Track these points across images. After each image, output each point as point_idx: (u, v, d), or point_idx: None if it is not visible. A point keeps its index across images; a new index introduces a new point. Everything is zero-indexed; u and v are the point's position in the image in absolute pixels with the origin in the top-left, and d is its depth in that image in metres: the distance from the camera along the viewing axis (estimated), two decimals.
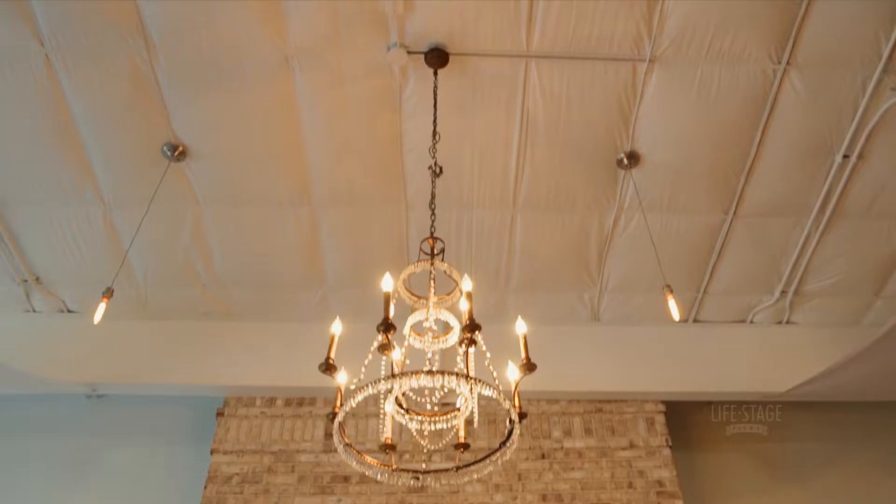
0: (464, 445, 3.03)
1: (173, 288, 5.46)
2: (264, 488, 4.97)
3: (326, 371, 2.71)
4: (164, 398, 5.75)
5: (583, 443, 5.19)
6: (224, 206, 4.89)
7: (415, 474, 2.94)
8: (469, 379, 2.57)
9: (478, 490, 4.97)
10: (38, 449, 5.69)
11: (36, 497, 5.44)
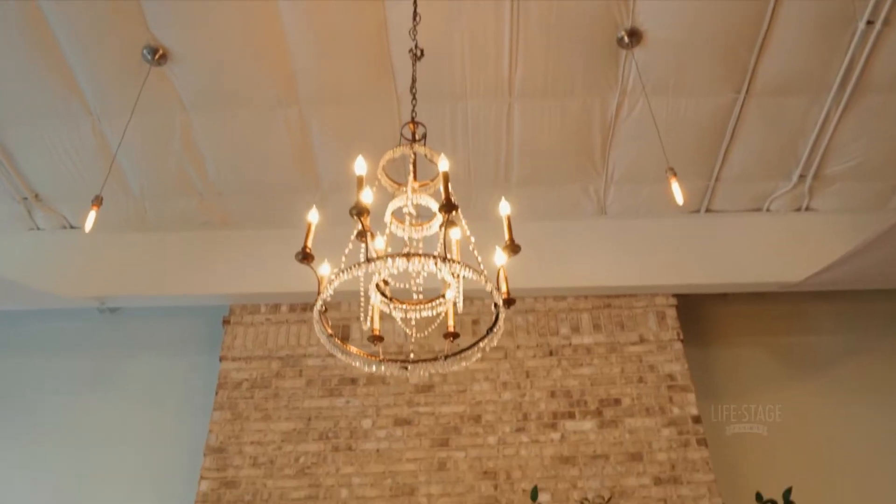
0: (453, 335, 2.92)
1: (170, 199, 5.37)
2: (273, 392, 4.99)
3: (303, 260, 2.60)
4: (173, 310, 5.79)
5: (591, 339, 5.10)
6: (211, 111, 4.74)
7: (402, 364, 2.86)
8: (446, 260, 2.42)
9: (485, 388, 4.93)
10: (58, 365, 5.79)
11: (60, 412, 5.55)
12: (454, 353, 2.81)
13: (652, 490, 4.59)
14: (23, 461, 5.34)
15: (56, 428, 5.47)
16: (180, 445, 5.14)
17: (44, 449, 5.38)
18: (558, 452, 4.70)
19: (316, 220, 2.73)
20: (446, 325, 2.94)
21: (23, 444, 5.41)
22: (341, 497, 4.58)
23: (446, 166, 2.66)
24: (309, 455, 4.73)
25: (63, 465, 5.31)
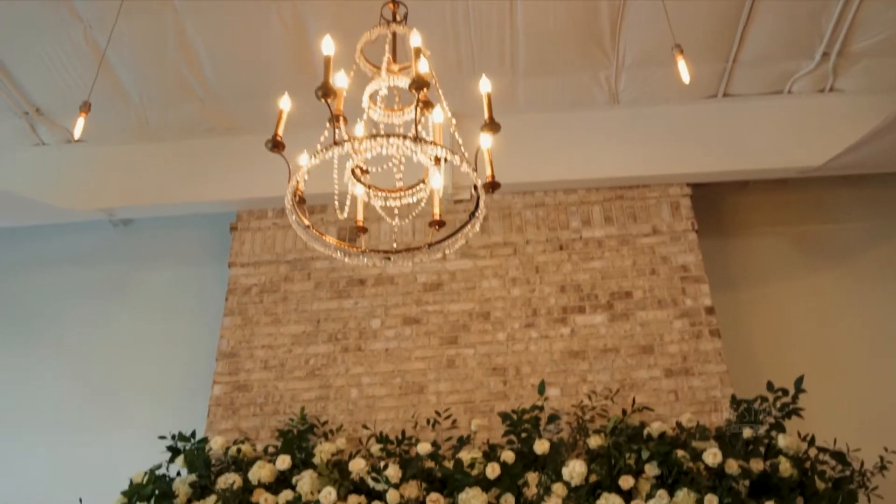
0: (438, 223, 2.83)
1: (171, 105, 5.28)
2: (283, 296, 4.99)
3: (274, 149, 2.50)
4: (185, 220, 5.79)
5: (603, 231, 4.97)
6: (203, 9, 4.57)
7: (385, 254, 2.78)
8: (417, 140, 2.30)
9: (494, 285, 4.87)
10: (76, 279, 5.87)
11: (80, 324, 5.66)
12: (436, 242, 2.72)
13: (663, 382, 4.54)
14: (46, 372, 5.48)
15: (76, 339, 5.59)
16: (195, 352, 5.20)
17: (66, 360, 5.52)
18: (568, 347, 4.65)
19: (288, 108, 2.62)
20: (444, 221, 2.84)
21: (45, 356, 5.55)
22: (351, 397, 4.61)
23: (419, 41, 2.50)
24: (319, 357, 4.75)
25: (85, 375, 5.45)
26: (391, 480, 3.88)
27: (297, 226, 2.61)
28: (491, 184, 2.59)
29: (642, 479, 3.93)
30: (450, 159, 2.41)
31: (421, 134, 2.38)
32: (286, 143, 2.47)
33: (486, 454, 4.08)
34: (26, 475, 5.05)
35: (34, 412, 5.32)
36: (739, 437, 4.08)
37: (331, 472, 4.00)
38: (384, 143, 2.26)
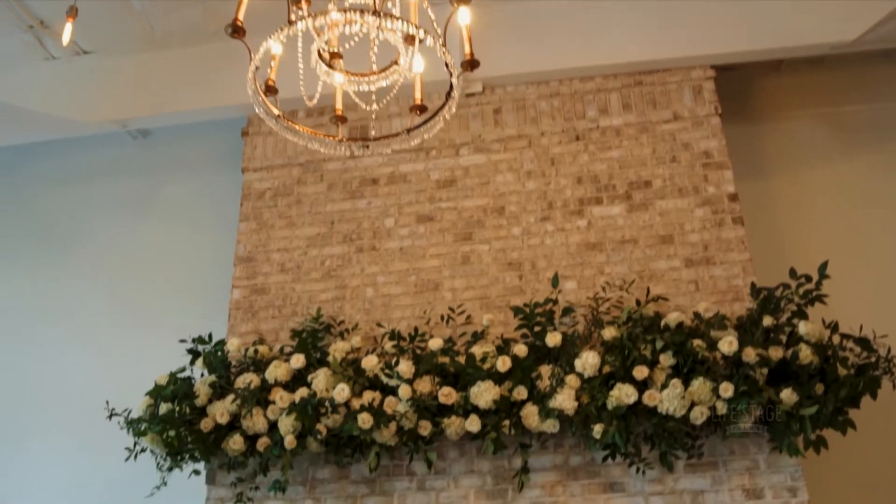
0: (420, 108, 2.71)
1: (173, 11, 5.15)
2: (296, 199, 4.96)
3: (234, 35, 2.40)
4: (200, 129, 5.76)
5: (621, 119, 4.77)
6: None
7: (364, 143, 2.69)
8: (377, 13, 2.16)
9: (509, 179, 4.75)
10: (99, 192, 5.94)
11: (106, 236, 5.75)
12: (415, 127, 2.61)
13: (683, 272, 4.42)
14: (76, 284, 5.61)
15: (102, 251, 5.70)
16: (217, 259, 5.24)
17: (93, 271, 5.64)
18: (584, 239, 4.55)
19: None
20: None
21: (74, 269, 5.68)
22: (367, 296, 4.61)
23: None
24: (334, 258, 4.75)
25: (113, 285, 5.57)
26: (403, 376, 3.90)
27: (265, 115, 2.52)
28: (469, 62, 2.46)
29: (657, 369, 3.87)
30: (421, 38, 2.27)
31: (389, 10, 2.24)
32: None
33: (500, 348, 4.06)
34: (58, 382, 5.24)
35: (66, 322, 5.48)
36: (759, 325, 3.97)
37: (345, 369, 4.04)
38: (341, 19, 2.12)
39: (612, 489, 4.03)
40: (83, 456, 5.02)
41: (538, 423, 3.85)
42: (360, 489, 4.26)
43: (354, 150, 2.68)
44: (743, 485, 3.94)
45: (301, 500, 4.29)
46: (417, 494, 4.19)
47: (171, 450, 4.04)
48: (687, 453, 3.94)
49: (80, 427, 4.97)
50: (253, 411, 3.98)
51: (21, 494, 5.09)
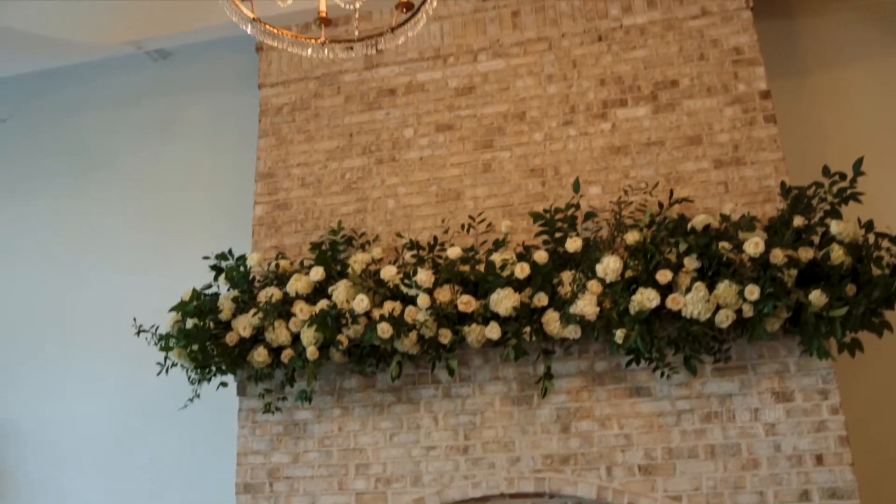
0: (405, 5, 2.58)
1: None
2: (314, 113, 4.88)
3: None
4: (217, 47, 5.66)
5: (645, 17, 4.54)
6: None
7: (347, 44, 2.59)
8: None
9: (529, 84, 4.59)
10: (123, 116, 5.94)
11: (131, 159, 5.78)
12: (398, 25, 2.49)
13: (711, 174, 4.27)
14: (105, 207, 5.67)
15: (129, 174, 5.73)
16: (242, 176, 5.22)
17: (121, 194, 5.68)
18: (609, 143, 4.41)
19: None
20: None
21: (102, 193, 5.73)
22: (388, 207, 4.57)
23: None
24: (354, 170, 4.69)
25: (141, 207, 5.61)
26: (422, 285, 3.88)
27: (241, 20, 2.43)
28: None
29: (682, 273, 3.78)
30: None
31: None
32: None
33: (520, 256, 4.00)
34: (95, 300, 5.36)
35: (98, 244, 5.57)
36: (789, 225, 3.84)
37: (364, 280, 4.03)
38: None
39: (638, 394, 4.02)
40: (121, 370, 5.18)
41: (559, 329, 3.82)
42: (387, 398, 4.31)
43: (338, 51, 2.58)
44: (772, 388, 3.89)
45: (329, 409, 4.37)
46: (443, 402, 4.23)
47: (198, 363, 4.12)
48: (713, 357, 3.89)
49: (117, 343, 5.09)
50: (275, 324, 4.02)
51: (66, 409, 5.29)
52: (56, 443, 5.25)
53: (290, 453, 4.37)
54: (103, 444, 5.15)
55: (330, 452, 4.32)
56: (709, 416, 3.92)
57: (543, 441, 4.06)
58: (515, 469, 4.06)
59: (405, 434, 4.25)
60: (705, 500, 3.82)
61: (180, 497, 4.93)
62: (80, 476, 5.16)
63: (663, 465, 3.91)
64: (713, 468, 3.85)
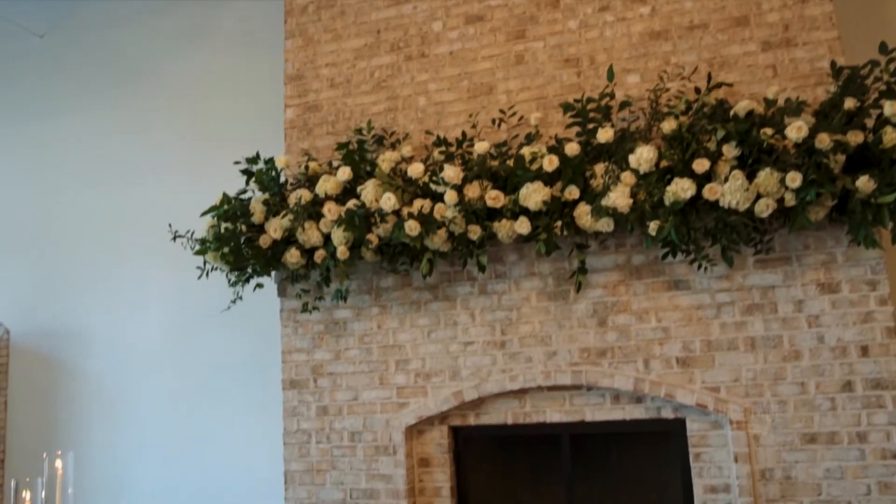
0: None
1: None
2: (340, 11, 4.74)
3: None
4: None
5: None
6: None
7: None
8: None
9: None
10: (157, 27, 5.93)
11: (168, 69, 5.81)
12: None
13: (759, 57, 4.02)
14: (145, 121, 5.72)
15: (165, 85, 5.75)
16: (274, 80, 5.18)
17: (160, 107, 5.71)
18: (648, 28, 4.18)
19: None
20: None
21: (140, 107, 5.78)
22: (419, 105, 4.47)
23: None
24: (383, 68, 4.58)
25: (181, 119, 5.64)
26: (450, 182, 3.82)
27: None
28: None
29: (721, 161, 3.63)
30: None
31: None
32: None
33: (552, 148, 3.88)
34: (141, 210, 5.48)
35: (141, 156, 5.66)
36: (840, 108, 3.61)
37: (393, 179, 3.99)
38: None
39: (677, 287, 3.94)
40: (175, 275, 5.35)
41: (591, 222, 3.73)
42: (424, 295, 4.34)
43: None
44: (817, 279, 3.76)
45: (367, 308, 4.43)
46: (480, 298, 4.24)
47: (232, 266, 4.19)
48: (754, 249, 3.77)
49: (170, 249, 5.24)
50: (305, 225, 4.04)
51: (128, 313, 5.52)
52: (120, 345, 5.51)
53: (331, 351, 4.48)
54: (161, 344, 5.38)
55: (370, 349, 4.41)
56: (750, 309, 3.83)
57: (580, 335, 4.05)
58: (552, 362, 4.08)
59: (442, 330, 4.29)
60: (744, 390, 3.78)
61: (233, 393, 5.15)
62: (141, 374, 5.42)
63: (702, 357, 3.87)
64: (753, 360, 3.80)
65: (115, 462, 5.41)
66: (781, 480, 3.69)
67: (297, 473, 4.46)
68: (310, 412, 4.48)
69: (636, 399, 4.00)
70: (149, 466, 5.31)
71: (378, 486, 4.30)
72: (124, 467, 5.38)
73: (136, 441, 5.37)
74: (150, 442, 5.33)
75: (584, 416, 4.07)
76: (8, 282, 5.91)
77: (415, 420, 4.27)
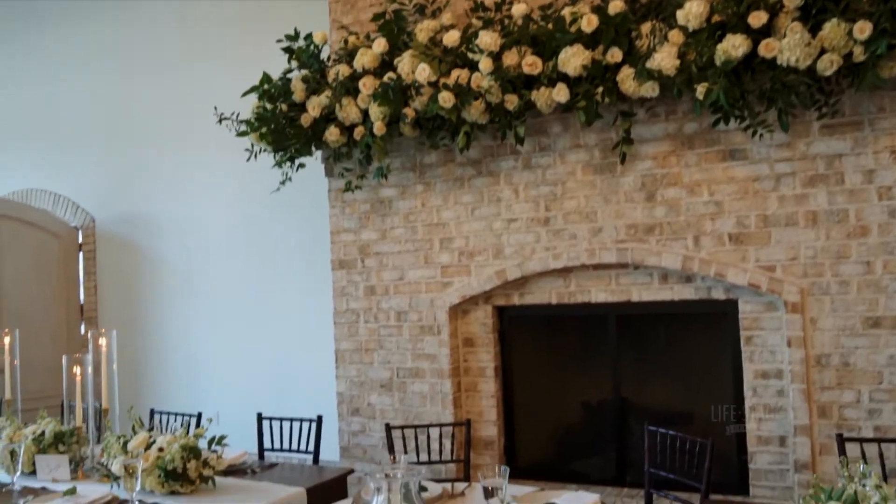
0: None
1: None
2: None
3: None
4: None
5: None
6: None
7: None
8: None
9: None
10: None
11: None
12: None
13: None
14: (206, 8, 5.66)
15: None
16: None
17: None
18: None
19: None
20: None
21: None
22: None
23: None
24: None
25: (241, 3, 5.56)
26: (486, 48, 3.60)
27: None
28: None
29: (781, 14, 3.23)
30: None
31: None
32: None
33: (596, 8, 3.56)
34: (202, 98, 5.48)
35: (199, 44, 5.64)
36: None
37: (429, 49, 3.80)
38: None
39: (733, 157, 3.64)
40: (235, 161, 5.39)
41: (636, 87, 3.45)
42: (467, 171, 4.20)
43: None
44: (892, 146, 3.37)
45: (412, 186, 4.34)
46: (524, 173, 4.07)
47: (274, 147, 4.16)
48: (819, 112, 3.39)
49: (226, 134, 5.28)
50: (343, 101, 3.93)
51: (195, 200, 5.66)
52: (191, 229, 5.68)
53: (377, 230, 4.44)
54: (227, 229, 5.51)
55: (415, 228, 4.35)
56: (812, 180, 3.49)
57: (627, 210, 3.84)
58: (597, 240, 3.90)
59: (486, 207, 4.16)
60: (802, 269, 3.50)
61: (291, 275, 5.24)
62: (210, 258, 5.60)
63: (757, 234, 3.59)
64: (814, 236, 3.49)
65: (189, 340, 5.68)
66: (838, 367, 3.44)
67: (347, 352, 4.53)
68: (358, 292, 4.51)
69: (685, 279, 3.79)
70: (218, 345, 5.55)
71: (423, 365, 4.33)
72: (198, 345, 5.64)
73: (207, 320, 5.60)
74: (220, 321, 5.54)
75: (631, 297, 3.90)
76: (90, 173, 6.13)
77: (458, 299, 4.22)
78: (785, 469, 3.55)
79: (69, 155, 6.21)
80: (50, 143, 6.30)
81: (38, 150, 6.35)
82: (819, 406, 3.45)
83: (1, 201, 5.84)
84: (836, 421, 3.41)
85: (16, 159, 6.47)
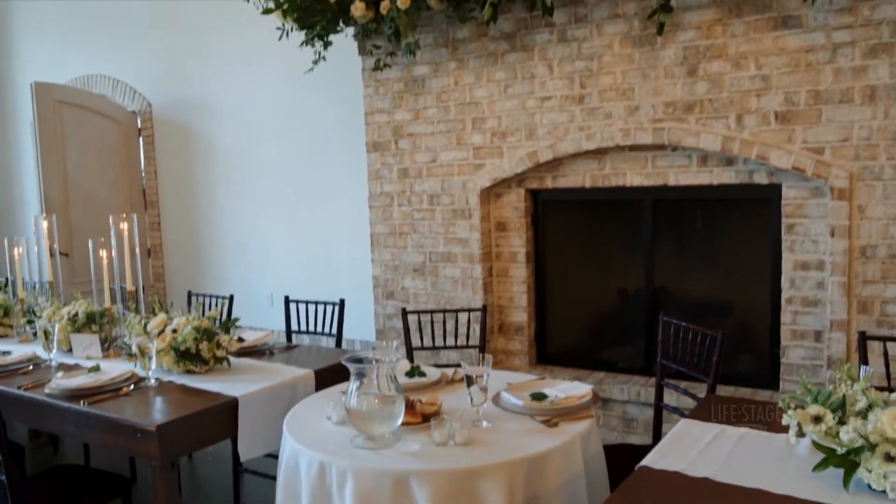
0: None
1: None
2: None
3: None
4: None
5: None
6: None
7: None
8: None
9: None
10: None
11: None
12: None
13: None
14: None
15: None
16: None
17: None
18: None
19: None
20: None
21: None
22: None
23: None
24: None
25: None
26: None
27: None
28: None
29: None
30: None
31: None
32: None
33: None
34: None
35: None
36: None
37: None
38: None
39: (786, 25, 3.25)
40: (282, 50, 5.29)
41: None
42: (501, 46, 3.96)
43: None
44: None
45: (445, 63, 4.15)
46: (559, 47, 3.80)
47: (300, 23, 4.01)
48: None
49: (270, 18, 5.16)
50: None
51: (245, 86, 5.62)
52: (241, 114, 5.68)
53: (411, 110, 4.30)
54: (274, 113, 5.47)
55: (447, 108, 4.18)
56: (874, 50, 3.09)
57: (666, 87, 3.54)
58: (633, 119, 3.63)
59: (519, 85, 3.94)
60: (854, 152, 3.16)
61: (333, 158, 5.19)
62: (258, 142, 5.61)
63: (806, 112, 3.24)
64: (870, 114, 3.12)
65: (241, 223, 5.78)
66: (885, 259, 3.14)
67: (382, 236, 4.50)
68: (391, 175, 4.42)
69: (726, 161, 3.50)
70: (267, 228, 5.63)
71: (455, 249, 4.25)
72: (248, 227, 5.74)
73: (256, 204, 5.67)
74: (267, 205, 5.60)
75: (668, 180, 3.65)
76: (146, 59, 6.16)
77: (490, 182, 4.07)
78: (819, 364, 3.33)
79: (126, 40, 6.24)
80: (108, 29, 6.34)
81: (98, 36, 6.42)
82: (860, 301, 3.18)
83: (63, 88, 5.97)
84: (877, 317, 3.15)
85: (76, 46, 6.58)
